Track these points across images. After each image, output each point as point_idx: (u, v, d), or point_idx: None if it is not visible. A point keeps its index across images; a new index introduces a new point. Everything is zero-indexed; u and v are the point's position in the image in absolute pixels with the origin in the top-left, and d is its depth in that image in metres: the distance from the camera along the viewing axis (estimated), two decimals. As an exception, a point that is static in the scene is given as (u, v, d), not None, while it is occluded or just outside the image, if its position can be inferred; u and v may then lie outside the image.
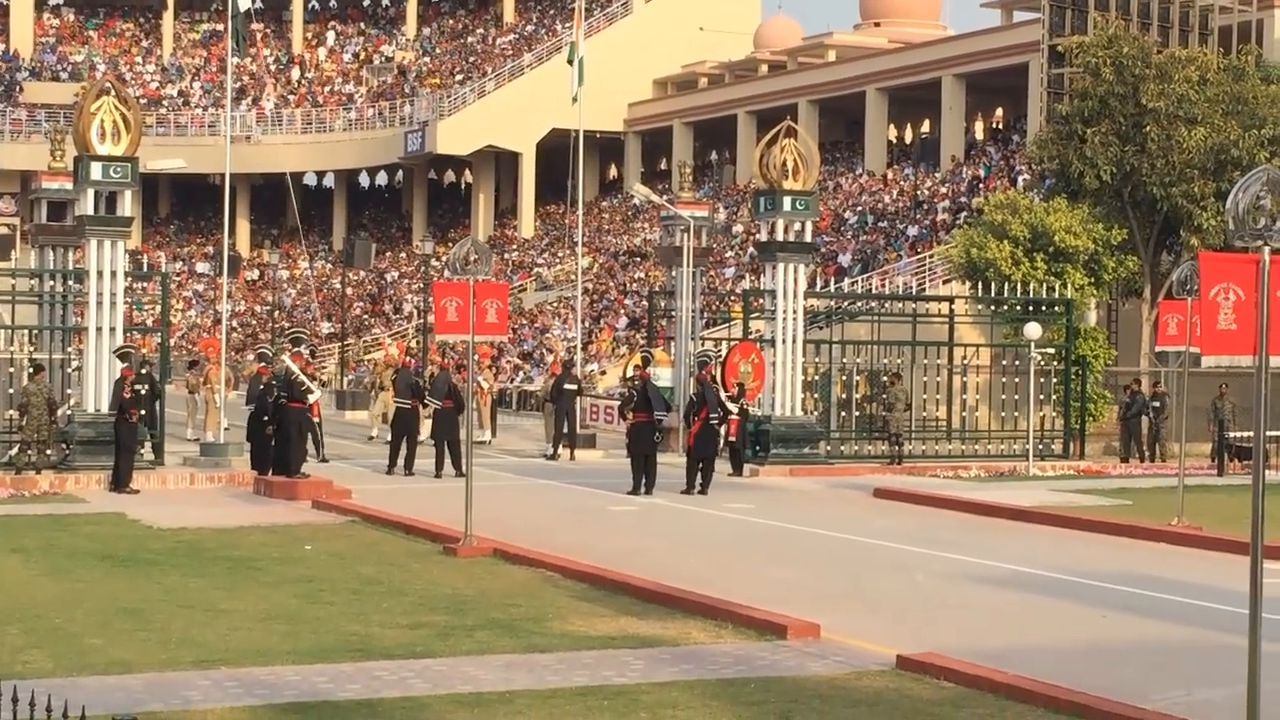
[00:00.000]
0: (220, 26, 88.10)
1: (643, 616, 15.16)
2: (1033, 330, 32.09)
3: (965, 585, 17.81)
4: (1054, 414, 35.07)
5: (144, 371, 27.87)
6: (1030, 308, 34.85)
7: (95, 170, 27.20)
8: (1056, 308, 35.45)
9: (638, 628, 14.60)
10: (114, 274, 27.56)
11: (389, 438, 31.36)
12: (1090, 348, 37.62)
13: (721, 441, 29.60)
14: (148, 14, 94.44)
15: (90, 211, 27.46)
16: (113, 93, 27.92)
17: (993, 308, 35.99)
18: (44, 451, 26.80)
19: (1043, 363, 34.14)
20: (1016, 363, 34.49)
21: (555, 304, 63.34)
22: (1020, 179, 52.05)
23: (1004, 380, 34.86)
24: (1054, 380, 35.09)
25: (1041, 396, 34.20)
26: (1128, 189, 39.29)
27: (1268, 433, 11.49)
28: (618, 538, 21.39)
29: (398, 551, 19.49)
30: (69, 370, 28.88)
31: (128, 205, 27.90)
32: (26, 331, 29.06)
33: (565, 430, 34.34)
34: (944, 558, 19.81)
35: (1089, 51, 40.08)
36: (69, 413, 28.03)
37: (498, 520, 21.16)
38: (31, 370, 27.22)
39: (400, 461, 29.83)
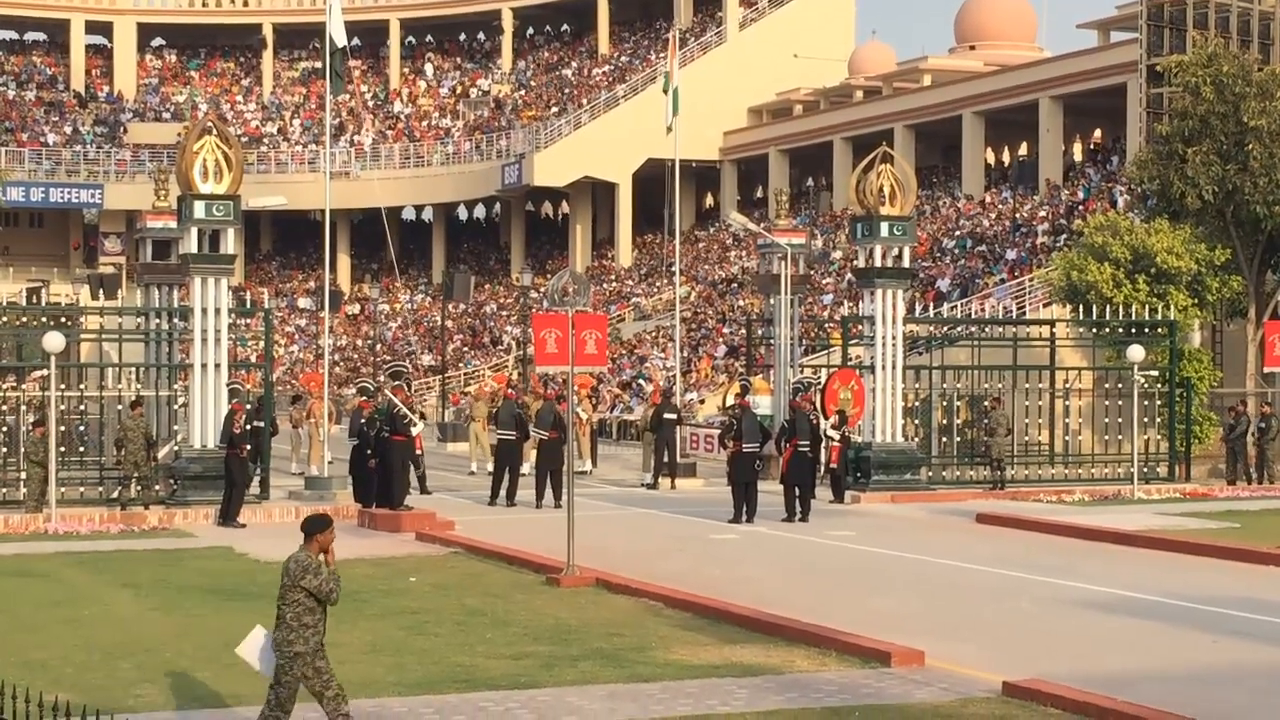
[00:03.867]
0: (318, 64, 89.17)
1: (746, 645, 15.15)
2: (1136, 353, 31.78)
3: (1071, 611, 17.66)
4: (1158, 437, 34.70)
5: (251, 407, 28.20)
6: (1133, 330, 34.53)
7: (199, 209, 27.56)
8: (1159, 330, 35.10)
9: (741, 656, 14.60)
10: (218, 311, 27.91)
11: (490, 468, 31.48)
12: (1195, 369, 37.22)
13: (822, 469, 29.55)
14: (248, 53, 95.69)
15: (194, 249, 27.82)
16: (214, 132, 28.27)
17: (1094, 330, 35.68)
18: (145, 486, 27.10)
19: (1146, 385, 33.80)
20: (1119, 386, 34.18)
21: (653, 333, 63.41)
22: (1120, 200, 51.58)
23: (1107, 403, 34.55)
24: (1158, 403, 34.74)
25: (1145, 419, 33.84)
26: (1230, 208, 38.83)
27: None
28: (719, 566, 21.38)
29: (501, 582, 19.58)
30: (175, 407, 29.24)
31: (230, 243, 28.24)
32: (133, 369, 29.45)
33: (666, 459, 34.35)
34: (1049, 583, 19.65)
35: (1188, 70, 39.68)
36: (176, 448, 28.38)
37: (600, 550, 21.21)
38: (130, 404, 27.57)
39: (502, 492, 29.91)
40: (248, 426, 26.67)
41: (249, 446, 26.86)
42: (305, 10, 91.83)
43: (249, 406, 28.16)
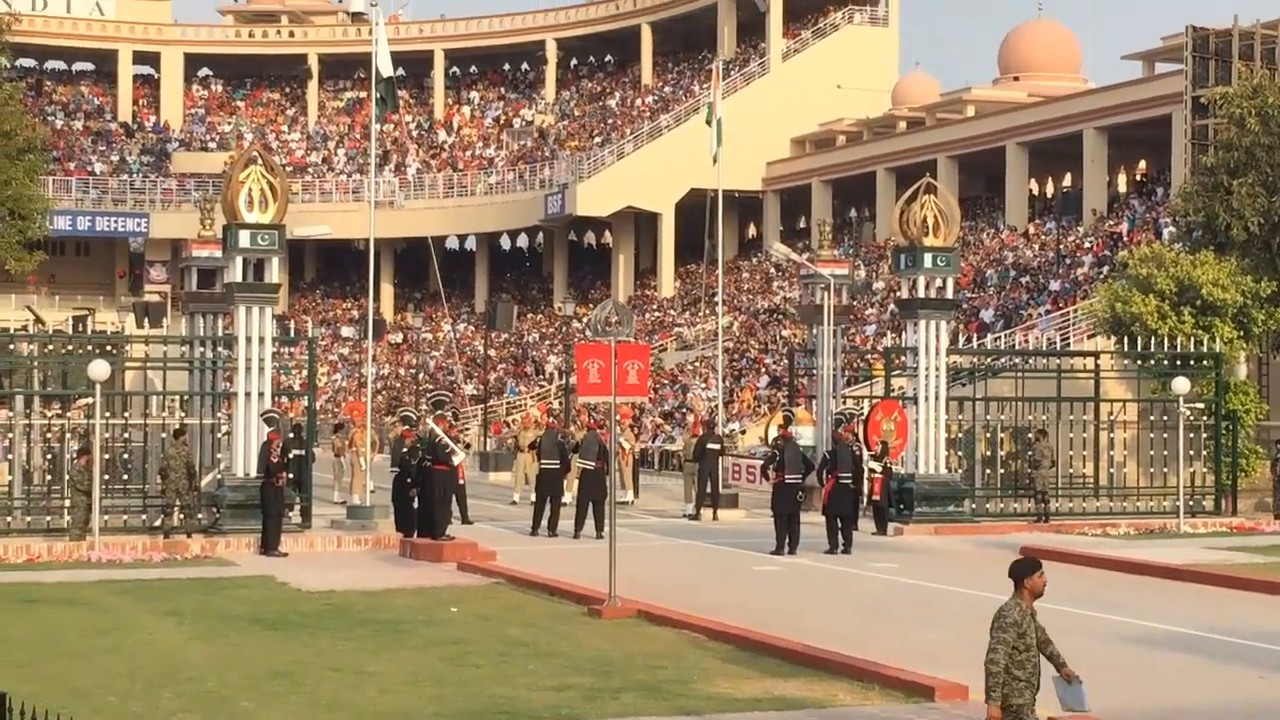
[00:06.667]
0: (363, 94, 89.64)
1: (788, 678, 15.07)
2: (1181, 385, 31.57)
3: (1117, 645, 17.52)
4: (1204, 470, 34.45)
5: (291, 436, 28.25)
6: (1178, 362, 34.31)
7: (243, 238, 27.68)
8: (1205, 362, 34.87)
9: (784, 689, 14.52)
10: (262, 339, 28.00)
11: (532, 498, 31.46)
12: (1241, 402, 36.96)
13: (864, 500, 29.44)
14: (293, 83, 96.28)
15: (239, 278, 27.93)
16: (260, 161, 28.39)
17: (1139, 362, 35.49)
18: (188, 515, 27.17)
19: (1192, 418, 33.58)
20: (1165, 418, 33.96)
21: (696, 363, 63.38)
22: (1165, 232, 51.35)
23: (1152, 436, 34.33)
24: (1204, 435, 34.49)
25: (1191, 452, 33.61)
26: (1276, 240, 38.61)
27: None
28: (762, 598, 21.30)
29: (543, 613, 19.54)
30: (218, 435, 29.32)
31: (275, 272, 28.35)
32: (177, 397, 29.55)
33: (708, 490, 34.28)
34: (1094, 617, 19.50)
35: (1233, 102, 39.50)
36: (219, 477, 28.45)
37: (641, 581, 21.16)
38: (173, 433, 27.66)
39: (544, 522, 29.85)
40: (288, 456, 26.71)
41: (289, 475, 26.91)
42: (350, 41, 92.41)
43: (289, 435, 28.21)
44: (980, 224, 66.19)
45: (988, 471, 33.27)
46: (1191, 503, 32.86)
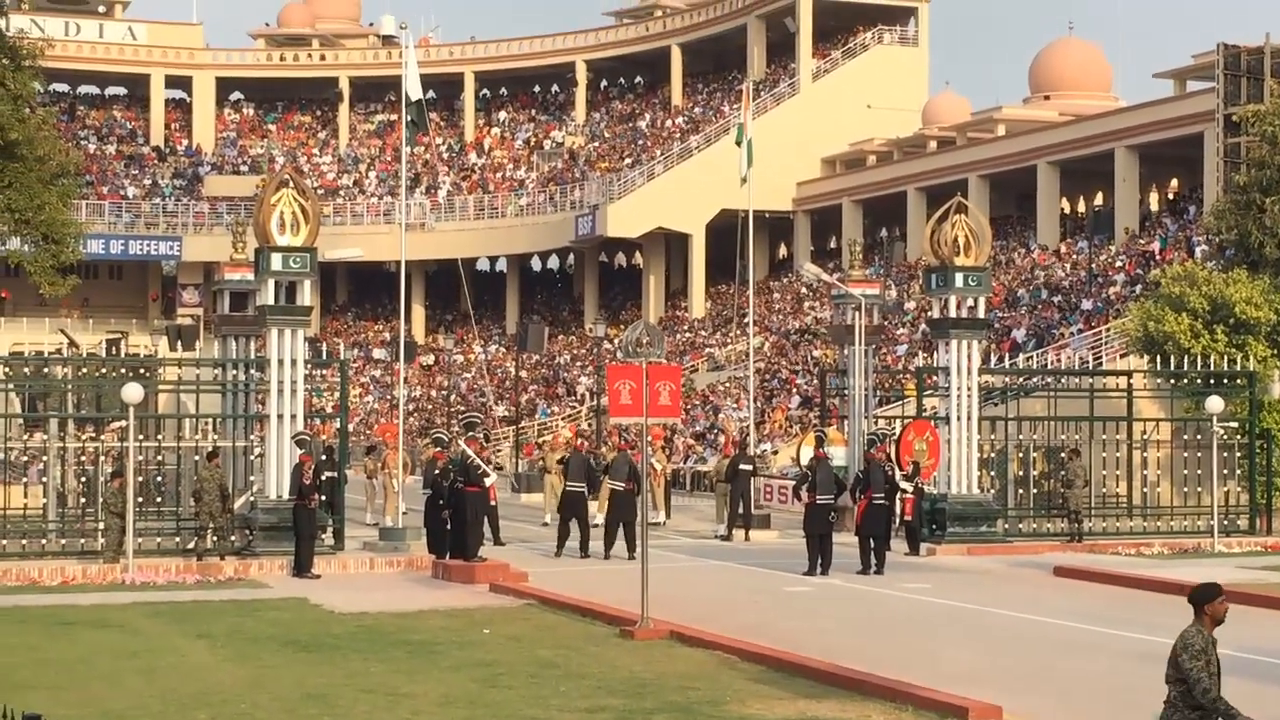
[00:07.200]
0: (393, 117, 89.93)
1: (821, 699, 15.04)
2: (1215, 404, 31.47)
3: (1151, 666, 17.40)
4: (1238, 489, 34.32)
5: (324, 458, 28.30)
6: (1211, 381, 34.20)
7: (275, 261, 27.77)
8: (1239, 381, 34.75)
9: (817, 710, 14.49)
10: (294, 362, 28.09)
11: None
12: (1275, 420, 36.79)
13: (896, 521, 29.39)
14: (324, 106, 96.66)
15: (271, 301, 28.02)
16: (291, 184, 28.49)
17: (1172, 381, 35.38)
18: (221, 537, 27.24)
19: (1225, 437, 33.46)
20: (1198, 437, 33.85)
21: (727, 384, 63.35)
22: (1198, 250, 51.22)
23: (1186, 455, 34.20)
24: (1238, 454, 34.37)
25: (1225, 471, 33.48)
26: (1310, 258, 38.49)
27: None
28: (794, 619, 21.27)
29: (575, 634, 19.54)
30: (251, 457, 29.41)
31: (307, 294, 28.44)
32: (210, 420, 29.65)
33: (740, 511, 34.23)
34: (1128, 637, 19.43)
35: (1265, 120, 39.42)
36: (252, 499, 28.53)
37: (674, 602, 21.14)
38: (206, 455, 27.76)
39: (576, 544, 29.72)
40: (321, 478, 26.77)
41: (322, 497, 26.96)
42: (381, 64, 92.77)
43: (322, 457, 28.27)
44: (1011, 243, 66.06)
45: (1020, 491, 33.19)
46: (1225, 522, 32.73)
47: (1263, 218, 38.37)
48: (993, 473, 33.24)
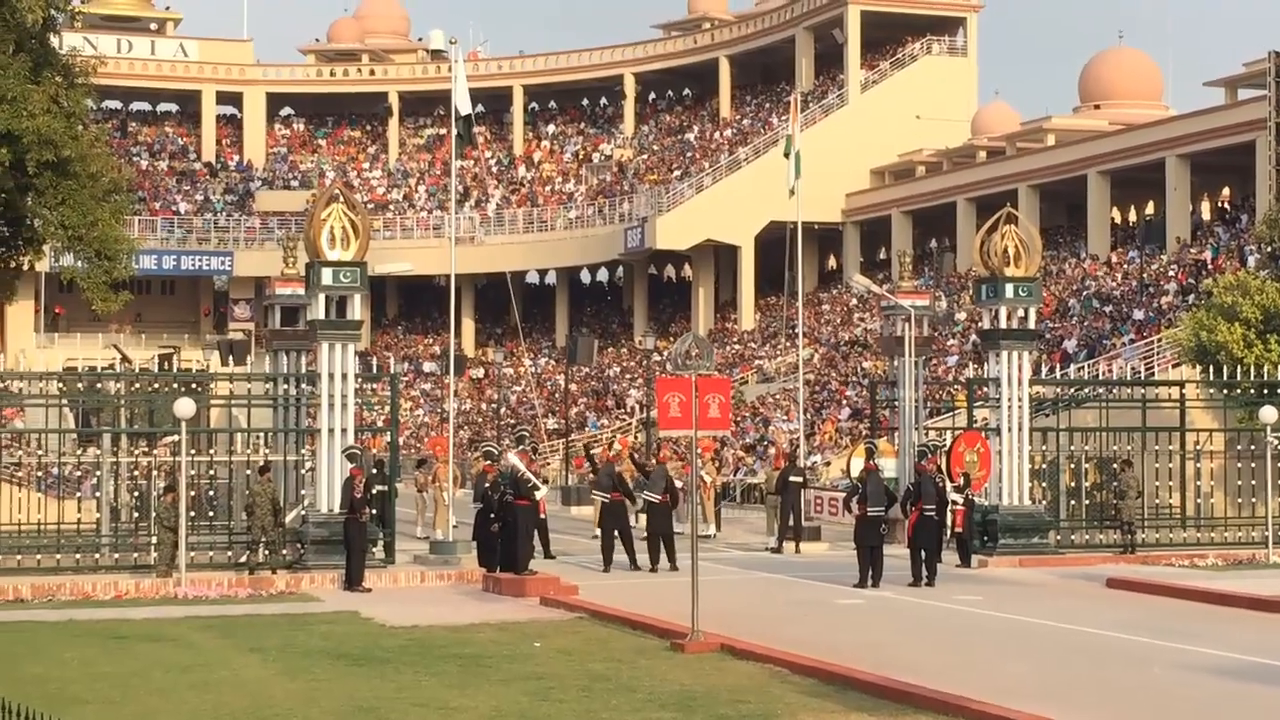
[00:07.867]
0: (443, 131, 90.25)
1: (873, 712, 14.99)
2: (1269, 414, 31.22)
3: (1205, 678, 17.32)
4: (1293, 499, 34.03)
5: (374, 471, 28.38)
6: (1265, 391, 33.96)
7: (326, 275, 27.88)
8: (1293, 390, 34.49)
9: (868, 724, 14.45)
10: (345, 376, 28.18)
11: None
12: (1329, 430, 36.49)
13: (948, 533, 29.27)
14: (373, 121, 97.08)
15: (321, 316, 28.12)
16: (341, 199, 28.58)
17: (1225, 391, 35.14)
18: (273, 550, 27.36)
19: (1279, 447, 33.20)
20: (1252, 447, 33.60)
21: (777, 396, 63.28)
22: (1251, 259, 50.88)
23: (1239, 465, 33.95)
24: (1292, 464, 34.09)
25: (1279, 482, 33.22)
26: (1363, 266, 38.23)
27: None
28: (845, 632, 21.21)
29: (625, 647, 19.52)
30: (303, 471, 29.52)
31: (357, 309, 28.52)
32: (262, 434, 29.79)
33: (790, 523, 34.17)
34: (1182, 649, 19.30)
35: (1318, 127, 39.18)
36: (303, 513, 28.64)
37: (724, 615, 21.11)
38: (258, 470, 27.88)
39: (621, 556, 29.63)
40: (372, 491, 26.86)
41: (372, 511, 27.05)
42: (430, 78, 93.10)
43: (373, 471, 28.36)
44: (1062, 253, 65.80)
45: (1072, 503, 33.01)
46: (1280, 533, 32.48)
47: (1316, 226, 38.13)
48: (1044, 484, 33.08)
